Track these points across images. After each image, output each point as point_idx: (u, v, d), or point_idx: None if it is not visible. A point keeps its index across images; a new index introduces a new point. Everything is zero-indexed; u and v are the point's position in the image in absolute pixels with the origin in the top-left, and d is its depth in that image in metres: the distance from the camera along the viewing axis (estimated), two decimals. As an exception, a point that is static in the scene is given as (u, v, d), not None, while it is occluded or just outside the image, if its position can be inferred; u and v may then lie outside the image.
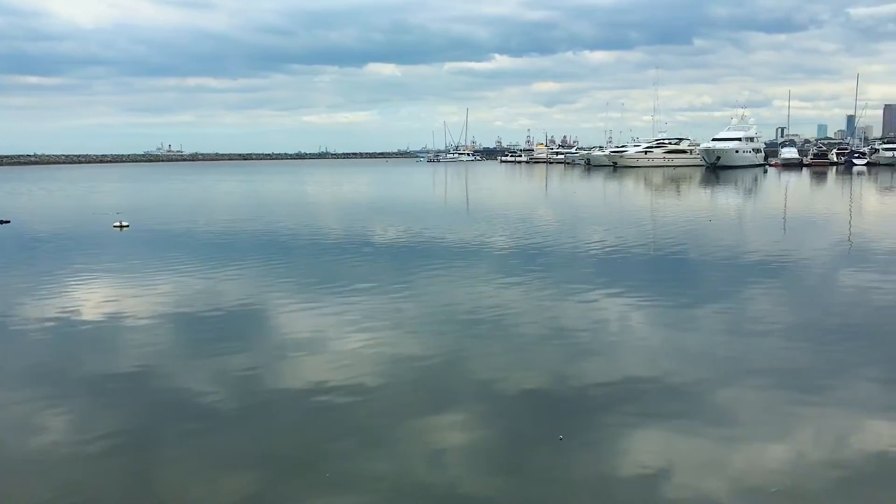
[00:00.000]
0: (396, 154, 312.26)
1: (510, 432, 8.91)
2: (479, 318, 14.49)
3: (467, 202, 54.45)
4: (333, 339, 13.12)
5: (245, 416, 9.55)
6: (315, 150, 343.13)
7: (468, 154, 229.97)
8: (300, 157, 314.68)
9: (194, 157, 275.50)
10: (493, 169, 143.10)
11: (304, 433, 8.99)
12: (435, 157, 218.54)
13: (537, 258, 22.70)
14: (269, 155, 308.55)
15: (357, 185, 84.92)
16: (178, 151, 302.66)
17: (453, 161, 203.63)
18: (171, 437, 8.96)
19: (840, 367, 11.16)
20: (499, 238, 27.92)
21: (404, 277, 19.22)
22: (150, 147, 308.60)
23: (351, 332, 13.57)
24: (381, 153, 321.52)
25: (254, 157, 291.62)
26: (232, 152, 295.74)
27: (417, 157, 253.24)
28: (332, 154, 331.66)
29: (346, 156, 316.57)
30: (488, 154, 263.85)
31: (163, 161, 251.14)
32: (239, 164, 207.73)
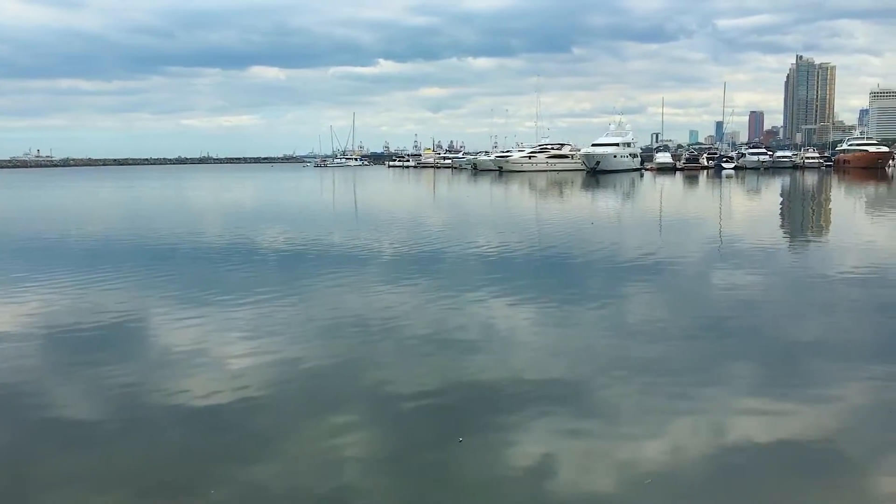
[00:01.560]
0: (282, 159, 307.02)
1: (408, 437, 8.90)
2: (370, 323, 14.43)
3: (356, 207, 54.15)
4: (219, 350, 12.74)
5: (125, 432, 9.12)
6: (196, 155, 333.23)
7: (356, 159, 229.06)
8: (180, 161, 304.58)
9: (66, 163, 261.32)
10: (381, 174, 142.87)
11: (190, 447, 8.70)
12: (322, 162, 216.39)
13: (426, 262, 22.83)
14: (146, 160, 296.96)
15: (242, 190, 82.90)
16: (47, 156, 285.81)
17: (341, 166, 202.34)
18: (42, 456, 8.44)
19: (713, 361, 11.77)
20: (388, 243, 27.91)
21: (293, 284, 18.90)
22: (16, 152, 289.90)
23: (238, 341, 13.22)
24: (267, 158, 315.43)
25: (130, 161, 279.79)
26: (107, 157, 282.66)
27: (304, 162, 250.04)
28: (214, 159, 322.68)
29: (230, 161, 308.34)
30: (376, 159, 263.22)
31: (31, 167, 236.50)
32: (114, 170, 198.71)
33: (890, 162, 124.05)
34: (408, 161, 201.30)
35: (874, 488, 7.46)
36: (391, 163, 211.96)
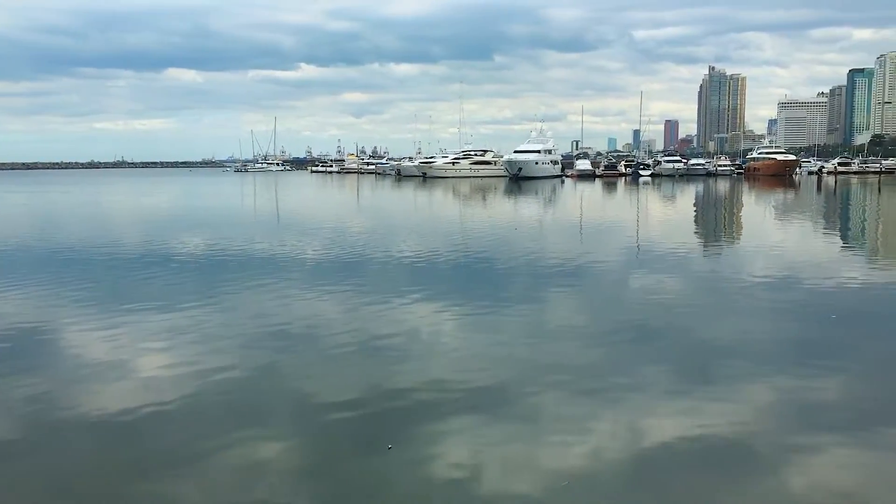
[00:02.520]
0: (201, 163, 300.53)
1: (334, 447, 8.78)
2: (292, 331, 14.22)
3: (278, 213, 53.35)
4: (134, 361, 12.32)
5: (32, 448, 8.70)
6: (111, 160, 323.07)
7: (277, 164, 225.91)
8: (93, 166, 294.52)
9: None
10: (303, 179, 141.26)
11: (101, 463, 8.36)
12: (243, 166, 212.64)
13: (350, 268, 22.66)
14: (57, 164, 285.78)
15: (160, 196, 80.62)
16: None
17: (262, 171, 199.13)
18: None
19: (632, 364, 12.03)
20: (311, 249, 27.59)
21: (213, 292, 18.46)
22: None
23: (154, 352, 12.83)
24: (185, 163, 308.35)
25: (40, 165, 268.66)
26: (15, 161, 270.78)
27: (224, 166, 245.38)
28: (129, 163, 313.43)
29: (146, 165, 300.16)
30: (298, 164, 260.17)
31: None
32: (23, 174, 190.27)
33: (797, 170, 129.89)
34: (331, 166, 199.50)
35: (783, 484, 7.75)
36: (314, 168, 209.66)
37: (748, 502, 7.36)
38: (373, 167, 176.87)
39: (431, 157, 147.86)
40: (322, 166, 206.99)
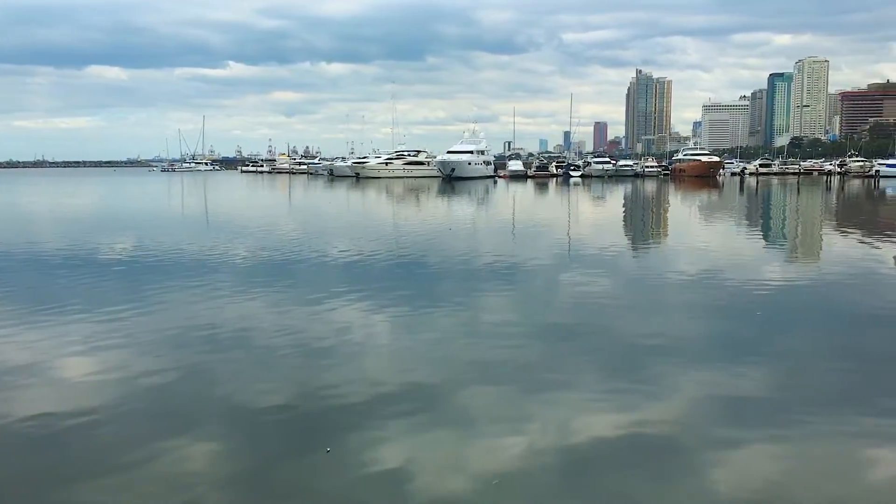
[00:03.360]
0: (126, 163, 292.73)
1: (270, 450, 8.64)
2: (222, 334, 13.93)
3: (207, 213, 52.27)
4: (57, 366, 11.88)
5: (-53, 461, 8.31)
6: (31, 158, 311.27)
7: (206, 163, 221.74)
8: (12, 165, 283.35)
9: None
10: (233, 179, 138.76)
11: (22, 471, 8.03)
12: (170, 166, 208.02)
13: (282, 269, 22.35)
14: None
15: (83, 196, 78.02)
16: None
17: (190, 171, 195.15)
18: None
19: (563, 362, 12.22)
20: (241, 250, 27.09)
21: (138, 295, 17.93)
22: None
23: (78, 356, 12.39)
24: (109, 162, 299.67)
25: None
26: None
27: (151, 166, 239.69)
28: (50, 163, 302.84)
29: (68, 164, 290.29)
30: (228, 164, 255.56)
31: None
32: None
33: (721, 171, 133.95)
34: (262, 166, 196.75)
35: (711, 478, 7.98)
36: (244, 168, 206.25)
37: (678, 497, 7.55)
38: (305, 167, 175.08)
39: (364, 158, 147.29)
40: (253, 166, 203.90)
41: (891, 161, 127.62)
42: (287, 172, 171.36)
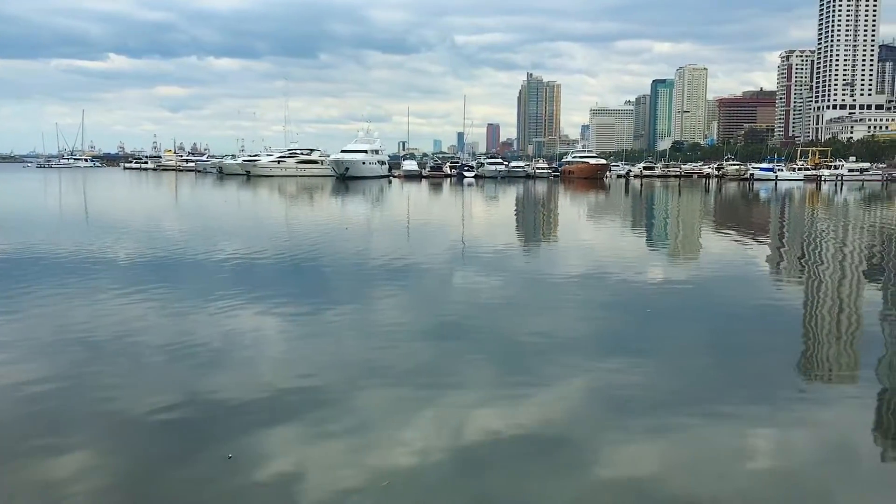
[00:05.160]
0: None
1: (167, 459, 8.29)
2: (103, 339, 13.27)
3: (87, 213, 49.82)
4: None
5: None
6: None
7: (86, 159, 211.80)
8: None
9: None
10: (116, 176, 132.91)
11: None
12: (46, 162, 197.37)
13: (169, 271, 21.56)
14: None
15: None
16: None
17: (69, 167, 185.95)
18: None
19: (456, 361, 12.31)
20: (123, 251, 25.92)
21: (9, 298, 16.89)
22: None
23: (-60, 366, 11.52)
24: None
25: None
26: None
27: (25, 162, 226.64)
28: None
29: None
30: (110, 160, 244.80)
31: None
32: None
33: (607, 173, 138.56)
34: (146, 163, 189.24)
35: (598, 471, 8.24)
36: (128, 165, 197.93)
37: (566, 490, 7.73)
38: (193, 165, 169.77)
39: (256, 156, 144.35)
40: (136, 163, 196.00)
41: (764, 165, 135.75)
42: (174, 170, 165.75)
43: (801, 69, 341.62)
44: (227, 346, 12.96)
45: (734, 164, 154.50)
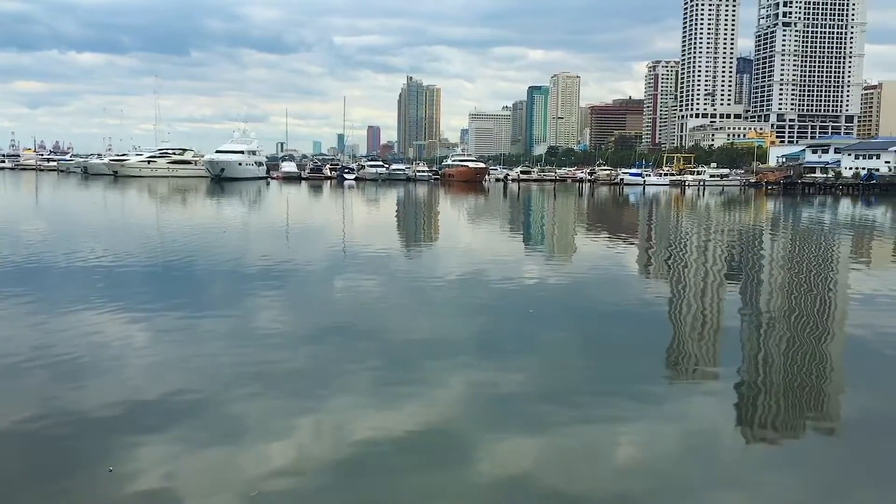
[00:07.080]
0: None
1: (41, 472, 7.74)
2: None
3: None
4: None
5: None
6: None
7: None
8: None
9: None
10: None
11: None
12: None
13: (27, 277, 20.25)
14: None
15: None
16: None
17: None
18: None
19: (335, 364, 12.20)
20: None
21: None
22: None
23: None
24: None
25: None
26: None
27: None
28: None
29: None
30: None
31: None
32: None
33: (486, 176, 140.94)
34: (3, 162, 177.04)
35: (477, 467, 8.37)
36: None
37: (446, 488, 7.83)
38: (55, 164, 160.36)
39: (124, 155, 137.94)
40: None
41: (633, 170, 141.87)
42: (34, 169, 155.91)
43: (667, 79, 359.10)
44: (94, 357, 12.29)
45: (605, 170, 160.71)
